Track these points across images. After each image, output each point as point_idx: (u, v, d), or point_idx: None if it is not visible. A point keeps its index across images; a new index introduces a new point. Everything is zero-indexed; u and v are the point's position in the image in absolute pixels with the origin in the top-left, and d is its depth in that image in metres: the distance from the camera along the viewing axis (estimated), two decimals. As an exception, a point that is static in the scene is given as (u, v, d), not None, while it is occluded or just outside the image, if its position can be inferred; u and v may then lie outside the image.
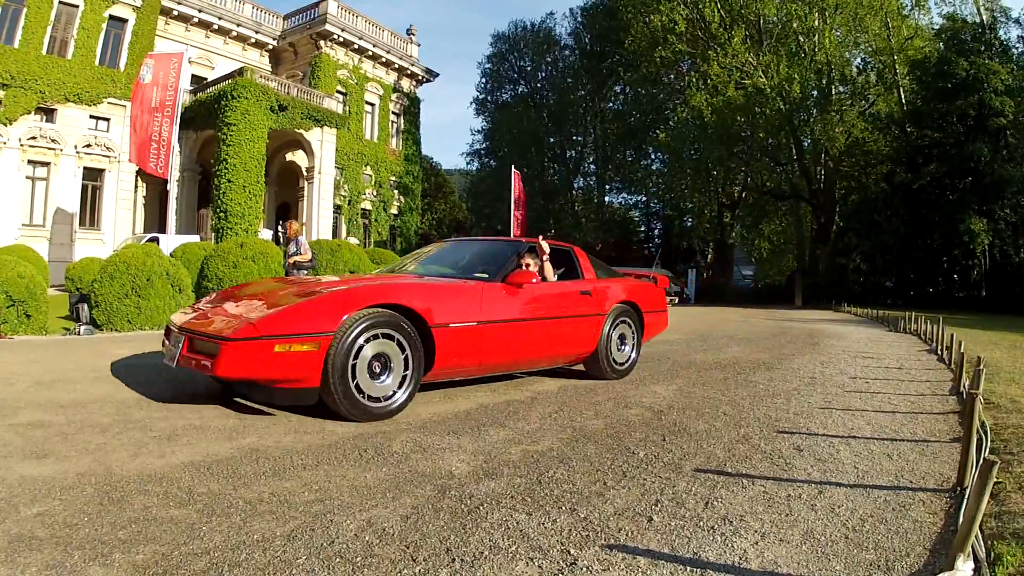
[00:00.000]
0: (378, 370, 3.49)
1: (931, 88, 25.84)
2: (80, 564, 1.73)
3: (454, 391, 4.44)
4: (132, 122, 18.58)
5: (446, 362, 3.82)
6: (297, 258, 9.02)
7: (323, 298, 3.42)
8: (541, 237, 5.00)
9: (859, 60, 30.72)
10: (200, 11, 24.48)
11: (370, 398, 3.44)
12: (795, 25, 28.33)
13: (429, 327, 3.66)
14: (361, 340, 3.39)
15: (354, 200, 28.73)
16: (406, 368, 3.57)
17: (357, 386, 3.38)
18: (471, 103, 49.87)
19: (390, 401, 3.52)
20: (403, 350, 3.55)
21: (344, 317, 3.32)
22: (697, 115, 28.89)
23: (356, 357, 3.37)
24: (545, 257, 4.88)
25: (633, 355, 5.43)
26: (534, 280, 4.43)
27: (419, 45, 31.95)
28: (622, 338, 5.31)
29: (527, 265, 4.78)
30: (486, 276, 4.44)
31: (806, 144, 30.00)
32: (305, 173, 24.69)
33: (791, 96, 27.16)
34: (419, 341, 3.62)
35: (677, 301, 25.23)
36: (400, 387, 3.56)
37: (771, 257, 36.70)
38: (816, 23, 28.16)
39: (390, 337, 3.51)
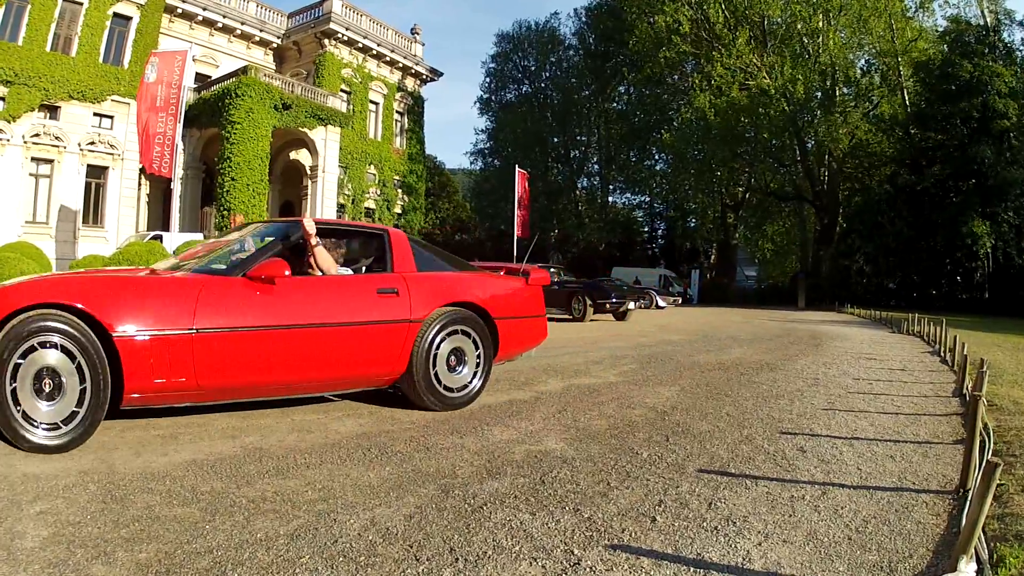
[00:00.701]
0: (48, 390, 2.72)
1: (935, 90, 25.84)
2: (83, 562, 1.73)
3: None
4: (137, 121, 18.60)
5: (141, 383, 2.91)
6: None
7: None
8: (306, 214, 3.80)
9: (863, 62, 30.80)
10: (204, 9, 24.51)
11: (31, 421, 2.68)
12: (799, 26, 28.33)
13: (110, 335, 2.81)
14: (22, 350, 2.66)
15: (358, 199, 28.75)
16: (81, 394, 2.76)
17: (20, 408, 2.66)
18: (475, 102, 49.95)
19: (55, 433, 2.71)
20: (80, 369, 2.76)
21: None
22: (701, 116, 28.95)
23: (15, 375, 2.65)
24: (314, 241, 3.68)
25: (476, 382, 4.02)
26: (287, 272, 3.34)
27: (423, 44, 32.02)
28: (457, 355, 3.94)
29: (311, 255, 3.75)
30: (223, 268, 3.57)
31: (810, 145, 30.02)
32: (309, 172, 24.73)
33: (795, 97, 27.17)
34: (101, 355, 2.79)
35: (680, 301, 25.29)
36: (77, 413, 2.76)
37: (774, 258, 36.74)
38: (820, 24, 28.16)
39: (66, 351, 2.74)
